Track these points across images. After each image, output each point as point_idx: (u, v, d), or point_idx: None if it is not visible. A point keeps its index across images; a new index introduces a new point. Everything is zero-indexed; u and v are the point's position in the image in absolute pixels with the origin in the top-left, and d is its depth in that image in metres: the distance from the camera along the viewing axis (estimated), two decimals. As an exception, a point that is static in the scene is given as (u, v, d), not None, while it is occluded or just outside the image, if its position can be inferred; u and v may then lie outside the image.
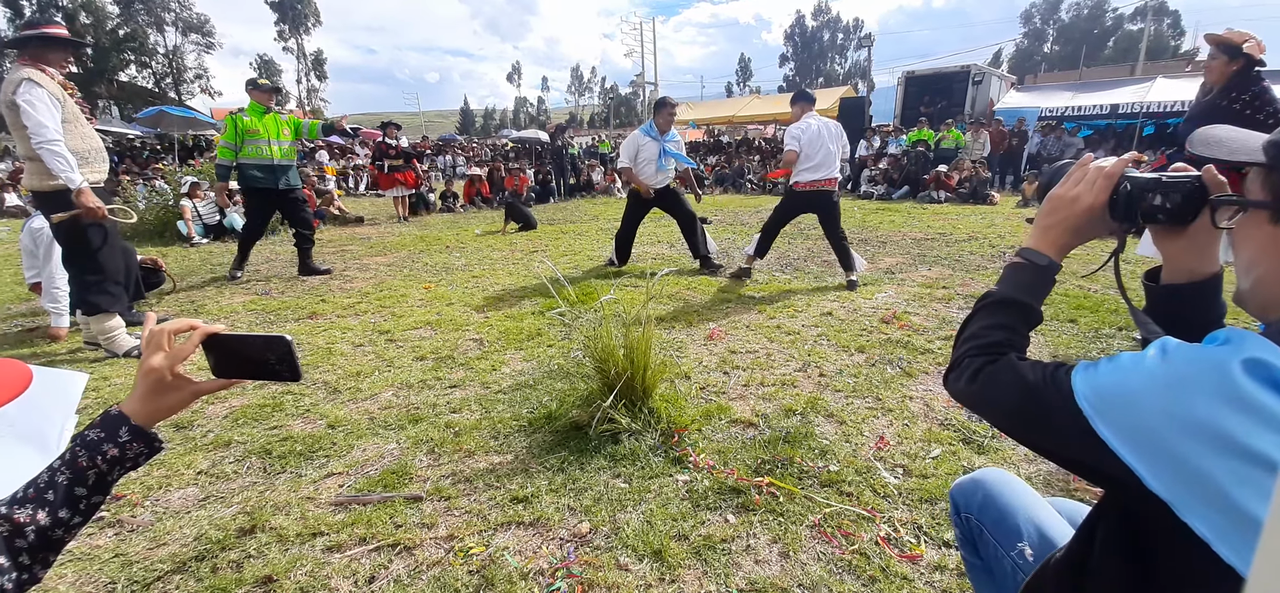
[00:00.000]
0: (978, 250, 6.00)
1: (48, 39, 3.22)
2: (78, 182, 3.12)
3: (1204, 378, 0.54)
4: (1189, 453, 0.53)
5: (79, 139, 3.23)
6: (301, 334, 3.77)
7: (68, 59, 3.33)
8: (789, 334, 3.53)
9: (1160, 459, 0.55)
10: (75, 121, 3.23)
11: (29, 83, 3.04)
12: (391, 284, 5.14)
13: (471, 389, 2.85)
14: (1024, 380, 0.70)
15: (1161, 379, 0.57)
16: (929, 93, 16.54)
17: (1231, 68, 3.09)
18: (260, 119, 5.15)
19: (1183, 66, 24.68)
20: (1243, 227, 0.67)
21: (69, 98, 3.24)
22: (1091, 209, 0.77)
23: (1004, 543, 1.00)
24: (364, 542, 1.78)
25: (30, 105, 3.00)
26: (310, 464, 2.22)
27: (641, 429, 2.30)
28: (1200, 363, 0.55)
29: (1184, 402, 0.54)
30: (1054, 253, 0.82)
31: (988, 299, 0.85)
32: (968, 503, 1.11)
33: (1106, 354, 3.11)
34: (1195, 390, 0.54)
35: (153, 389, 0.78)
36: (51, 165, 3.06)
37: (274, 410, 2.65)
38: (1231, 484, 0.50)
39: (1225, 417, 0.51)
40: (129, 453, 0.75)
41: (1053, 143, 12.93)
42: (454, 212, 11.02)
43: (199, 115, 19.68)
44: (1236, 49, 3.04)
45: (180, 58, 47.09)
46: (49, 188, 3.16)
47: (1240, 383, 0.51)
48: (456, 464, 2.18)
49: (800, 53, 73.01)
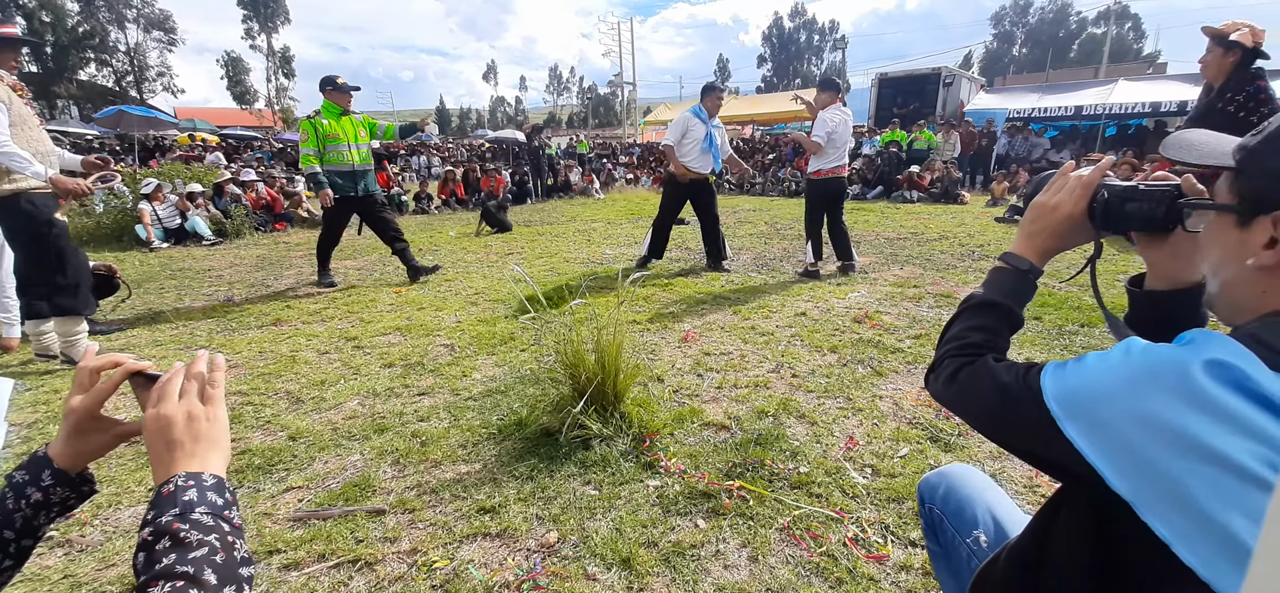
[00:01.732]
0: (948, 249, 6.11)
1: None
2: (42, 171, 3.00)
3: (1164, 378, 0.54)
4: (1150, 452, 0.53)
5: (27, 142, 3.08)
6: (264, 342, 3.66)
7: (17, 59, 3.18)
8: (763, 335, 3.54)
9: (1123, 459, 0.55)
10: (23, 125, 3.08)
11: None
12: (360, 289, 5.02)
13: (441, 397, 2.79)
14: (999, 382, 0.71)
15: (1124, 379, 0.57)
16: (902, 94, 16.86)
17: (1228, 60, 2.86)
18: (338, 121, 4.82)
19: (1144, 69, 25.57)
20: (1211, 230, 0.68)
21: (18, 98, 3.09)
22: (1072, 216, 0.79)
23: (961, 531, 1.03)
24: (323, 559, 1.72)
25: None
26: (268, 478, 2.14)
27: (613, 435, 2.28)
28: (1161, 363, 0.55)
29: (1145, 401, 0.55)
30: (1036, 258, 0.84)
31: (970, 301, 0.86)
32: (932, 495, 1.15)
33: (1068, 350, 3.18)
34: (1156, 390, 0.54)
35: (75, 430, 0.72)
36: (10, 165, 2.94)
37: (232, 422, 2.55)
38: (1193, 485, 0.51)
39: (1185, 416, 0.52)
40: (53, 497, 0.70)
41: (1020, 143, 13.27)
42: (428, 213, 10.85)
43: (160, 115, 19.08)
44: (1227, 39, 2.84)
45: (142, 55, 45.54)
46: (8, 192, 3.02)
47: (1200, 383, 0.52)
48: (422, 475, 2.13)
49: (778, 54, 73.79)
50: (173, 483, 0.60)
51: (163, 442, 0.64)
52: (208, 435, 0.66)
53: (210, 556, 0.55)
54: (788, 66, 72.69)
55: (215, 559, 0.55)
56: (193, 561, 0.54)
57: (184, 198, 8.06)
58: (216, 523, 0.59)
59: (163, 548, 0.55)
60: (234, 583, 0.55)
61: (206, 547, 0.55)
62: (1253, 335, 0.58)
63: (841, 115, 4.80)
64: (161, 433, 0.64)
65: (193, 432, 0.65)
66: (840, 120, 4.78)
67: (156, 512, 0.58)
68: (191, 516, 0.58)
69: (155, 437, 0.65)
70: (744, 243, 6.85)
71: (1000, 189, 10.73)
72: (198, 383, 0.69)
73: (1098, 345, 3.26)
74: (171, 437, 0.64)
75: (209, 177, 9.42)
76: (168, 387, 0.68)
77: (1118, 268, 4.74)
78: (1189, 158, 0.68)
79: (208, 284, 5.40)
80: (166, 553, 0.54)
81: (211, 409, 0.68)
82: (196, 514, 0.58)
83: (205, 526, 0.57)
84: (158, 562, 0.54)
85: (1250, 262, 0.61)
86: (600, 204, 11.77)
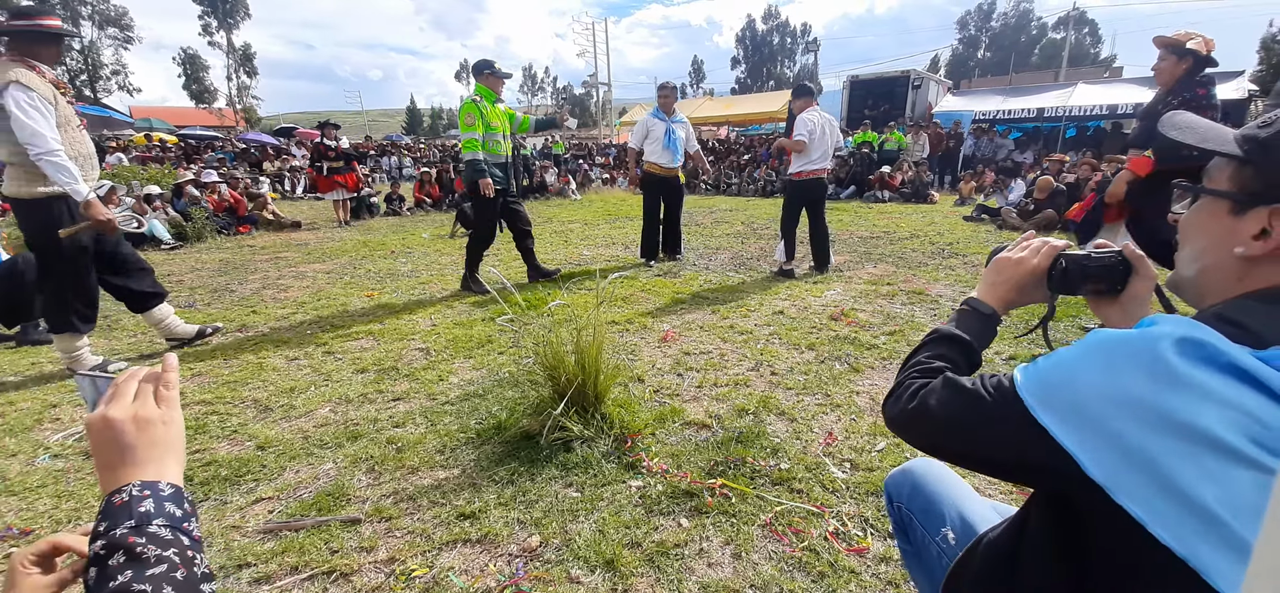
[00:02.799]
0: (920, 247, 6.25)
1: (40, 32, 2.88)
2: (84, 193, 2.85)
3: (1136, 358, 0.55)
4: (1124, 432, 0.54)
5: (71, 145, 2.91)
6: (229, 348, 3.53)
7: (59, 54, 3.01)
8: (742, 334, 3.56)
9: (1097, 442, 0.56)
10: (66, 126, 2.91)
11: (18, 85, 2.71)
12: (330, 292, 4.89)
13: (416, 402, 2.73)
14: (961, 388, 0.70)
15: (1097, 364, 0.58)
16: (872, 96, 17.21)
17: (1181, 67, 3.01)
18: (493, 108, 4.49)
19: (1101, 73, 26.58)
20: (1197, 216, 0.69)
21: (62, 98, 2.92)
22: (1034, 272, 0.87)
23: (929, 529, 1.03)
24: (295, 571, 1.67)
25: (21, 110, 2.69)
26: (236, 490, 2.07)
27: (594, 436, 2.26)
28: (1132, 345, 0.57)
29: (1118, 382, 0.56)
30: (998, 306, 0.89)
31: (935, 334, 0.88)
32: (898, 492, 1.15)
33: (1034, 343, 3.28)
34: (1128, 370, 0.55)
35: None
36: (55, 177, 2.77)
37: (197, 433, 2.46)
38: (1167, 460, 0.51)
39: (1157, 394, 0.53)
40: None
41: (986, 144, 13.67)
42: (400, 215, 10.64)
43: (115, 114, 18.32)
44: (1182, 47, 2.98)
45: (96, 53, 43.60)
46: (28, 195, 2.87)
47: (1170, 360, 0.53)
48: (399, 482, 2.08)
49: (751, 56, 74.51)
50: (126, 492, 0.55)
51: (114, 447, 0.58)
52: (164, 440, 0.61)
53: (169, 572, 0.51)
54: (761, 68, 73.49)
55: (175, 576, 0.51)
56: (151, 578, 0.50)
57: (141, 200, 7.74)
58: (175, 536, 0.54)
59: (117, 564, 0.50)
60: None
61: (165, 563, 0.51)
62: (1217, 315, 0.60)
63: (822, 118, 4.89)
64: (112, 438, 0.58)
65: (147, 437, 0.59)
66: (820, 122, 4.86)
67: (109, 523, 0.53)
68: (148, 528, 0.53)
69: (104, 441, 0.59)
70: (721, 243, 6.89)
71: (967, 189, 11.04)
72: (152, 385, 0.64)
73: (1062, 340, 3.37)
74: (123, 442, 0.58)
75: (167, 178, 9.07)
76: (121, 389, 0.63)
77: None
78: (1188, 138, 0.70)
79: (167, 289, 5.18)
80: (122, 569, 0.50)
81: (167, 411, 0.63)
82: (154, 527, 0.54)
83: (163, 540, 0.53)
84: (111, 579, 0.50)
85: (1238, 250, 0.63)
86: (577, 205, 11.71)
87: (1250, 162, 0.63)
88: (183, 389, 2.93)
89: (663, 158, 5.51)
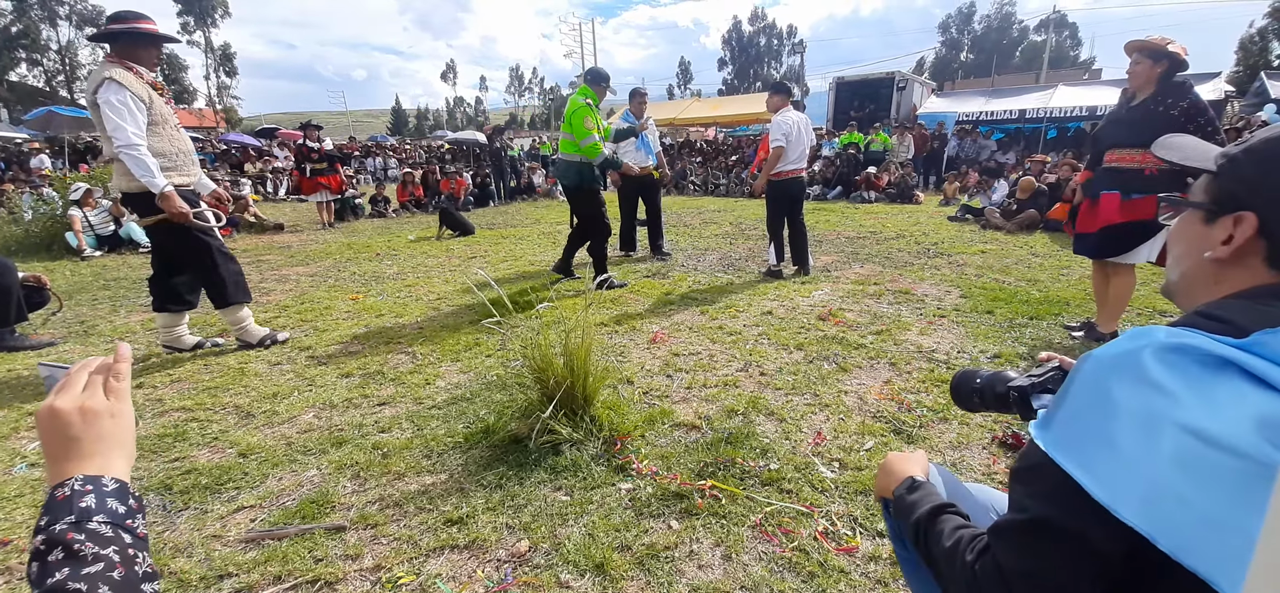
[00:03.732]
0: (906, 247, 6.31)
1: (138, 34, 3.04)
2: (161, 185, 3.00)
3: (1123, 371, 0.58)
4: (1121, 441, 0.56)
5: (167, 141, 3.12)
6: (210, 354, 3.46)
7: (158, 56, 3.21)
8: (731, 335, 3.57)
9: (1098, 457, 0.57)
10: (163, 124, 3.11)
11: (112, 83, 2.88)
12: (314, 296, 4.82)
13: (402, 406, 2.69)
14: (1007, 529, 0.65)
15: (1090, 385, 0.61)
16: (858, 98, 17.36)
17: (1157, 70, 3.03)
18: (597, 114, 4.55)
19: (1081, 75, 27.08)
20: (1181, 225, 0.76)
21: (158, 98, 3.09)
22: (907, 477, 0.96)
23: None
24: (279, 581, 1.63)
25: (110, 107, 2.87)
26: (217, 498, 2.02)
27: (583, 439, 2.24)
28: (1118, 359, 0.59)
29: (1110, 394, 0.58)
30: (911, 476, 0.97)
31: (922, 522, 0.82)
32: None
33: (1020, 341, 3.31)
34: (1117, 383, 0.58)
35: None
36: (134, 170, 2.95)
37: (176, 440, 2.41)
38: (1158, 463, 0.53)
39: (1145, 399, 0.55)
40: None
41: (969, 145, 13.85)
42: (385, 217, 10.53)
43: (93, 115, 17.87)
44: (1160, 51, 3.00)
45: (73, 54, 42.63)
46: (137, 189, 3.06)
47: (1150, 367, 0.56)
48: (385, 488, 2.05)
49: (738, 57, 74.85)
50: (68, 486, 0.54)
51: (59, 439, 0.57)
52: (111, 434, 0.59)
53: (106, 571, 0.50)
54: (748, 70, 73.83)
55: (112, 576, 0.50)
56: (87, 576, 0.49)
57: (118, 203, 7.57)
58: (116, 534, 0.53)
59: (55, 561, 0.50)
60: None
61: (103, 561, 0.50)
62: (1199, 312, 0.65)
63: (796, 117, 4.91)
64: (57, 429, 0.57)
65: (93, 430, 0.58)
66: (794, 122, 4.87)
67: (50, 517, 0.52)
68: (88, 525, 0.52)
69: (50, 433, 0.57)
70: (710, 243, 6.91)
71: (951, 189, 11.17)
72: (102, 376, 0.62)
73: (1046, 337, 3.42)
74: (68, 433, 0.57)
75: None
76: (71, 380, 0.61)
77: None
78: (1175, 158, 0.77)
79: (145, 294, 5.07)
80: (59, 566, 0.49)
81: (116, 404, 0.61)
82: (93, 524, 0.52)
83: (102, 537, 0.52)
84: (50, 575, 0.49)
85: (1207, 255, 0.69)
86: (564, 206, 11.67)
87: (1220, 175, 0.70)
88: (161, 396, 2.86)
89: (635, 158, 5.80)
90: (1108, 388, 0.58)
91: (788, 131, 4.82)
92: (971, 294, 4.31)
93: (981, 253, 5.91)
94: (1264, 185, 0.65)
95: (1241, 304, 0.63)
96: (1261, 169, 0.66)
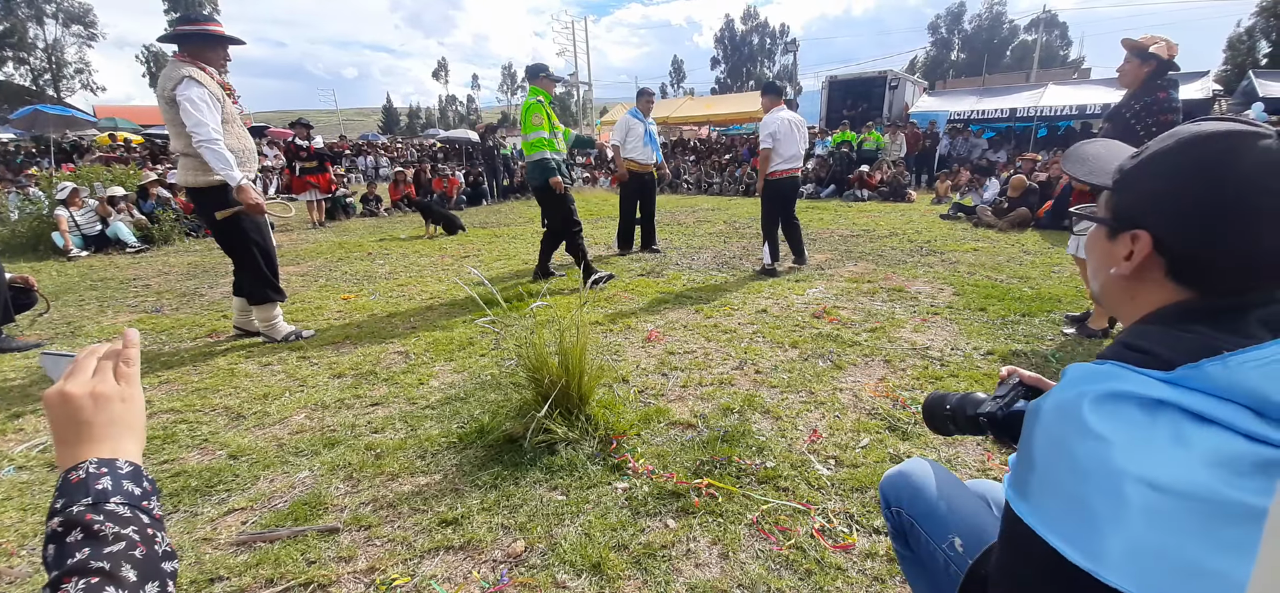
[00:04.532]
0: (899, 245, 6.34)
1: (209, 36, 3.22)
2: (238, 178, 3.18)
3: (1065, 422, 0.58)
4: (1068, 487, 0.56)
5: (235, 139, 3.29)
6: (198, 354, 3.42)
7: (226, 57, 3.36)
8: (726, 333, 3.57)
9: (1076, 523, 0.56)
10: (232, 122, 3.29)
11: (190, 80, 3.06)
12: (305, 295, 4.78)
13: (396, 406, 2.67)
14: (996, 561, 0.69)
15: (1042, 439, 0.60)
16: (851, 96, 17.41)
17: (1144, 70, 3.07)
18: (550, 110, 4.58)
19: (1071, 75, 27.31)
20: (1090, 240, 0.75)
21: (228, 99, 3.28)
22: None
23: (935, 536, 1.01)
24: (271, 584, 1.61)
25: (191, 103, 3.03)
26: (207, 501, 1.99)
27: (579, 438, 2.23)
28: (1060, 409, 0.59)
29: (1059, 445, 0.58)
30: None
31: None
32: (897, 496, 1.11)
33: (1012, 338, 3.33)
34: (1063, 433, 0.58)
35: None
36: (212, 163, 3.11)
37: (165, 442, 2.37)
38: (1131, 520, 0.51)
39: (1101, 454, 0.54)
40: None
41: (961, 144, 13.93)
42: (377, 216, 10.46)
43: (78, 113, 17.69)
44: (1144, 51, 3.04)
45: (60, 52, 42.02)
46: (202, 184, 3.21)
47: (1088, 420, 0.55)
48: (378, 489, 2.03)
49: (731, 56, 74.94)
50: (82, 469, 0.54)
51: (70, 423, 0.57)
52: (122, 419, 0.59)
53: (128, 550, 0.51)
54: (741, 69, 73.95)
55: (134, 554, 0.51)
56: (109, 555, 0.49)
57: (104, 202, 7.48)
58: (134, 514, 0.54)
59: (74, 541, 0.50)
60: (156, 579, 0.51)
61: (124, 541, 0.51)
62: (1124, 345, 0.63)
63: (786, 116, 4.95)
64: (69, 413, 0.57)
65: (105, 414, 0.58)
66: (784, 121, 4.91)
67: (66, 500, 0.52)
68: (106, 506, 0.52)
69: (61, 417, 0.57)
70: (704, 242, 6.91)
71: (944, 187, 11.23)
72: (111, 362, 0.62)
73: (1037, 334, 3.44)
74: (80, 418, 0.57)
75: (132, 179, 8.77)
76: (80, 364, 0.61)
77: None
78: (1077, 172, 0.76)
79: (133, 294, 5.02)
80: (79, 546, 0.49)
81: (126, 388, 0.61)
82: (111, 505, 0.53)
83: (121, 517, 0.52)
84: (70, 555, 0.49)
85: (1113, 272, 0.67)
86: (558, 205, 11.62)
87: (1116, 190, 0.68)
88: (150, 398, 2.83)
89: (642, 154, 5.91)
90: (1067, 445, 0.57)
91: (775, 131, 4.87)
92: (964, 292, 4.33)
93: (974, 251, 5.94)
94: (1154, 201, 0.63)
95: (1160, 331, 0.62)
96: (1152, 184, 0.64)
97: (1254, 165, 0.56)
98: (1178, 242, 0.61)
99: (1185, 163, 0.61)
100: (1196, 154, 0.60)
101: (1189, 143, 0.61)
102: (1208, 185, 0.59)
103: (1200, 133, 0.60)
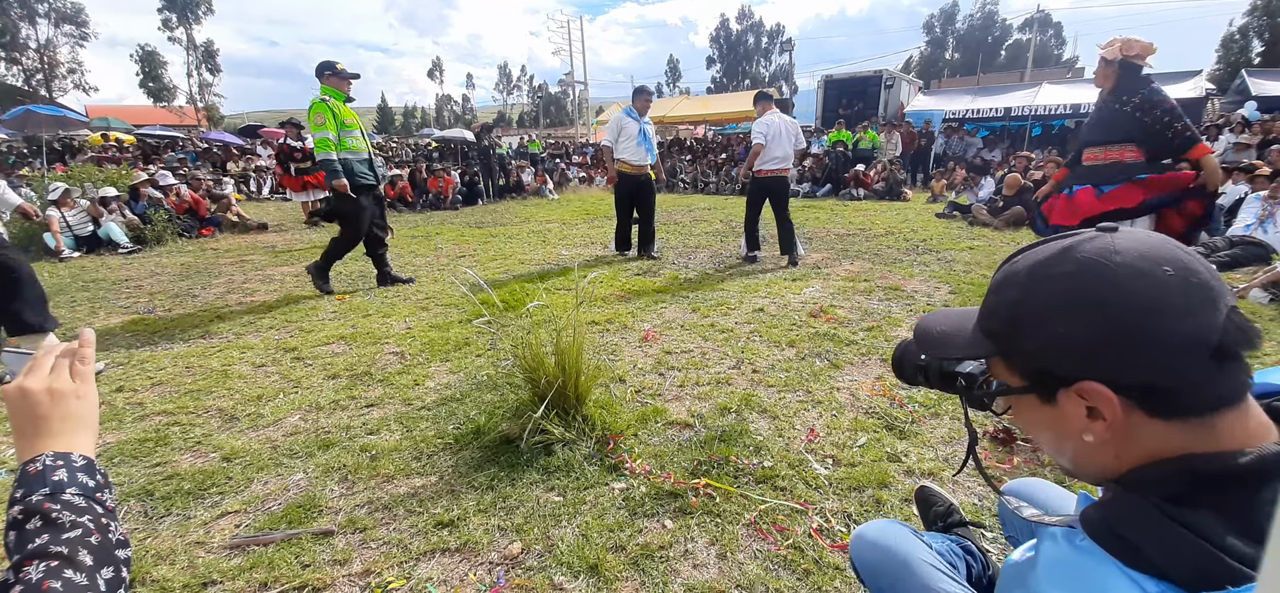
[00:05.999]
0: (895, 244, 6.35)
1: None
2: None
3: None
4: None
5: None
6: (191, 356, 3.39)
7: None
8: (723, 332, 3.56)
9: None
10: None
11: None
12: (299, 296, 4.74)
13: (391, 407, 2.65)
14: None
15: None
16: (846, 96, 17.46)
17: (1110, 74, 3.17)
18: (344, 107, 4.59)
19: (1065, 74, 27.46)
20: (1022, 414, 0.62)
21: None
22: None
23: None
24: (265, 587, 1.59)
25: None
26: (200, 504, 1.97)
27: (575, 438, 2.22)
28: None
29: None
30: None
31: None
32: (863, 567, 1.11)
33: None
34: None
35: None
36: None
37: (157, 445, 2.35)
38: None
39: None
40: None
41: (956, 143, 13.98)
42: (374, 216, 10.40)
43: (70, 114, 17.54)
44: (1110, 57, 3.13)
45: (52, 51, 41.64)
46: None
47: None
48: (373, 491, 2.01)
49: (726, 55, 74.95)
50: (40, 461, 0.58)
51: (28, 418, 0.61)
52: (77, 414, 0.63)
53: (84, 536, 0.54)
54: (737, 68, 73.98)
55: (89, 541, 0.54)
56: (67, 541, 0.53)
57: (96, 203, 7.42)
58: (89, 504, 0.57)
59: (34, 528, 0.53)
60: (111, 565, 0.54)
61: (80, 528, 0.54)
62: (1110, 530, 0.52)
63: (779, 119, 5.24)
64: (27, 409, 0.61)
65: (60, 409, 0.62)
66: (777, 123, 5.21)
67: (25, 490, 0.55)
68: (62, 496, 0.56)
69: (20, 412, 0.61)
70: (701, 241, 6.90)
71: (939, 186, 11.26)
72: (68, 360, 0.65)
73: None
74: (37, 412, 0.61)
75: (124, 179, 8.69)
76: (38, 363, 0.64)
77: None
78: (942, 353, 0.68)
79: (125, 295, 4.98)
80: (39, 533, 0.53)
81: (81, 386, 0.65)
82: (68, 495, 0.56)
83: (77, 507, 0.56)
84: (30, 541, 0.52)
85: (1088, 438, 0.55)
86: (554, 205, 11.62)
87: (1009, 355, 0.59)
88: (142, 400, 2.80)
89: (635, 155, 5.71)
90: None
91: (766, 131, 5.17)
92: (960, 290, 4.34)
93: (970, 249, 5.96)
94: (1081, 345, 0.53)
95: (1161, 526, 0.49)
96: (1063, 324, 0.53)
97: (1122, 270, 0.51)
98: (1131, 375, 0.51)
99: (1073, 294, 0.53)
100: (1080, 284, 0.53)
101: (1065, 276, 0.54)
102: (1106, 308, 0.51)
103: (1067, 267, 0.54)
